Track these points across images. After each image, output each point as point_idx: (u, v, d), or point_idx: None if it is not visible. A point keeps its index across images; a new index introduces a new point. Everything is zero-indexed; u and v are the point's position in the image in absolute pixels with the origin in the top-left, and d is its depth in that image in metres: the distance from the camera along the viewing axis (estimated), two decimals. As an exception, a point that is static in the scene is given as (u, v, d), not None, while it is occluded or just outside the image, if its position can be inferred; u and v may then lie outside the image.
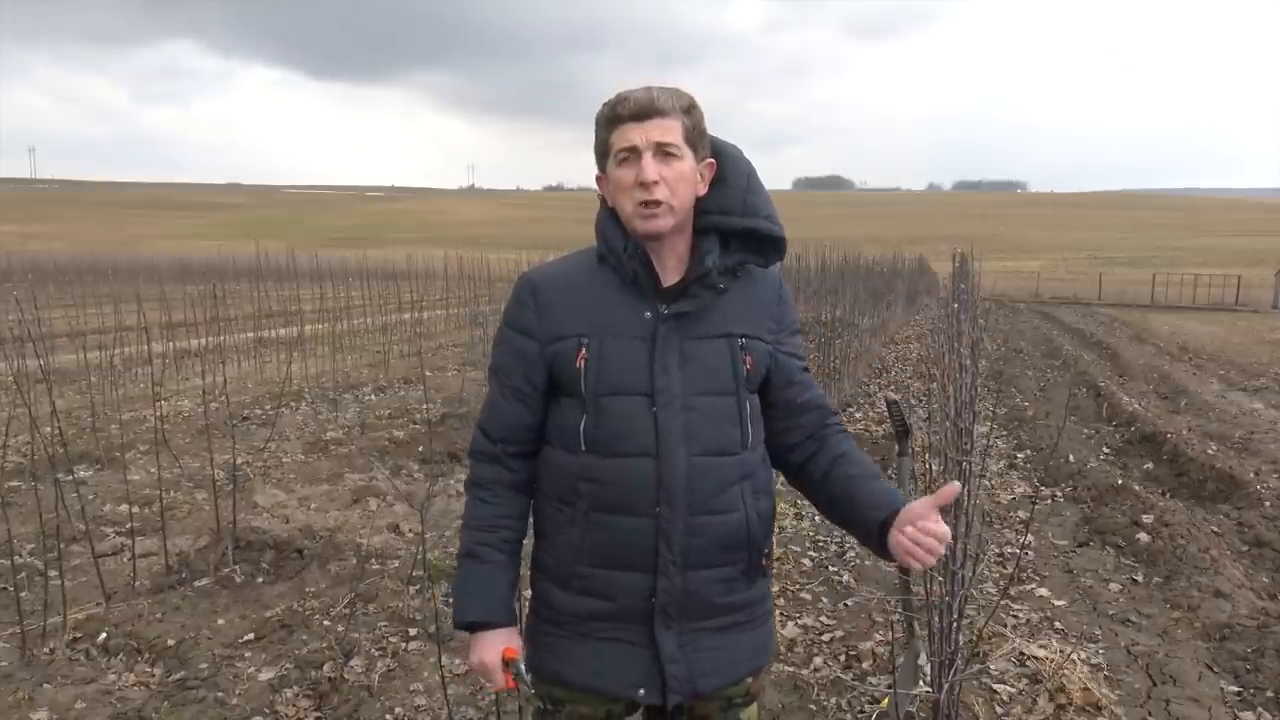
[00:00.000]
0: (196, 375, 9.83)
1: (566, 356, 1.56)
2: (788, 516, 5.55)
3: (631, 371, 1.54)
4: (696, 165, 1.56)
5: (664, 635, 1.58)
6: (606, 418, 1.54)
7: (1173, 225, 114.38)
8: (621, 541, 1.55)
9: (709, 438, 1.55)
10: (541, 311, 1.60)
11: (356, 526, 5.14)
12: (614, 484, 1.54)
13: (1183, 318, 25.13)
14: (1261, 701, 3.38)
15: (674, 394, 1.53)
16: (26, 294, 7.71)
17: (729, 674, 1.64)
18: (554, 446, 1.62)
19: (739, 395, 1.59)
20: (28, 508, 4.81)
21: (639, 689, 1.59)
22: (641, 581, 1.56)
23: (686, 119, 1.53)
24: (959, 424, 3.02)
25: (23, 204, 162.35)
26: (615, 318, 1.57)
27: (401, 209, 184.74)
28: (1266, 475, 6.68)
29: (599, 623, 1.60)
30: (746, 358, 1.59)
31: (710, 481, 1.55)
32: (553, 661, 1.66)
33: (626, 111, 1.50)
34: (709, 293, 1.57)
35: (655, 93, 1.51)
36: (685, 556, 1.55)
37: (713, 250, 1.58)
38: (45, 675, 3.35)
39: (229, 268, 26.95)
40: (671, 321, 1.56)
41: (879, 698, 3.29)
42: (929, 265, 30.87)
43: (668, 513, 1.53)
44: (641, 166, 1.50)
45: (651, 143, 1.50)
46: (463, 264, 22.51)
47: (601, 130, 1.55)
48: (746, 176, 1.62)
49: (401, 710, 3.20)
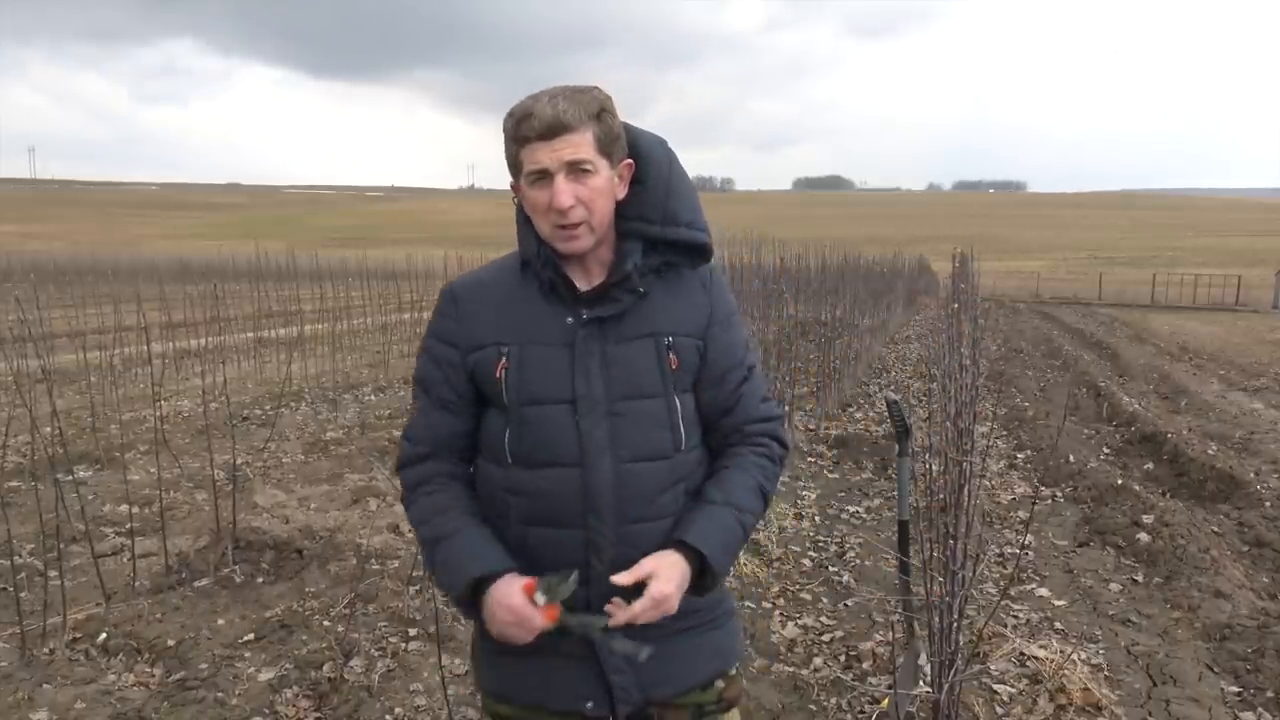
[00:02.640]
0: (196, 375, 9.83)
1: (487, 365, 1.52)
2: (787, 517, 5.56)
3: (552, 379, 1.49)
4: (613, 172, 1.48)
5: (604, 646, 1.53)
6: (529, 428, 1.49)
7: (1173, 225, 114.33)
8: (552, 554, 1.49)
9: (637, 443, 1.50)
10: (461, 319, 1.55)
11: (356, 526, 5.13)
12: (541, 495, 1.50)
13: (1183, 318, 25.13)
14: (1261, 701, 3.38)
15: (596, 400, 1.48)
16: (26, 294, 7.71)
17: (686, 679, 1.60)
18: (485, 460, 1.58)
19: (668, 396, 1.53)
20: (28, 508, 4.81)
21: (586, 701, 1.55)
22: (576, 593, 1.50)
23: (597, 127, 1.44)
24: (959, 424, 3.02)
25: (22, 204, 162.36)
26: (535, 325, 1.52)
27: (401, 209, 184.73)
28: (1266, 475, 6.69)
29: (539, 637, 1.53)
30: (672, 356, 1.53)
31: (640, 488, 1.50)
32: (498, 679, 1.62)
33: (532, 131, 1.41)
34: (630, 296, 1.51)
35: (561, 106, 1.41)
36: (616, 566, 1.47)
37: (633, 254, 1.52)
38: (45, 675, 3.34)
39: (229, 268, 26.94)
40: (592, 326, 1.50)
41: (879, 698, 3.29)
42: (929, 265, 30.86)
43: (596, 523, 1.48)
44: (554, 191, 1.42)
45: (562, 163, 1.42)
46: (463, 264, 22.48)
47: (509, 145, 1.47)
48: (666, 179, 1.54)
49: (401, 710, 3.20)
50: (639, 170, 1.53)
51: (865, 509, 5.92)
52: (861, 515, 5.79)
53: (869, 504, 6.04)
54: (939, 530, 2.76)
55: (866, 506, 5.98)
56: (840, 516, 5.74)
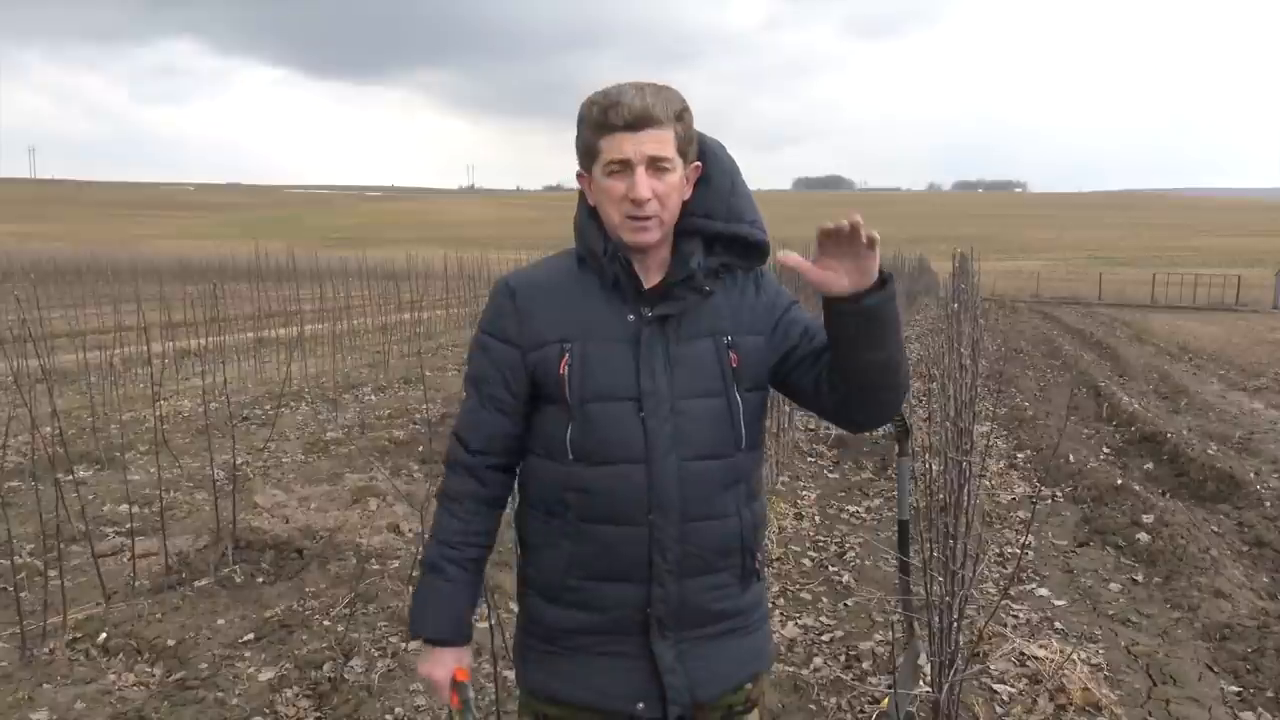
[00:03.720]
0: (196, 375, 9.83)
1: (549, 363, 1.51)
2: (788, 517, 5.56)
3: (617, 376, 1.50)
4: (684, 172, 1.50)
5: (661, 646, 1.54)
6: (593, 425, 1.50)
7: (1173, 225, 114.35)
8: (613, 552, 1.51)
9: (700, 441, 1.51)
10: (522, 317, 1.54)
11: (356, 526, 5.13)
12: (603, 493, 1.50)
13: (1183, 318, 25.12)
14: (1261, 701, 3.38)
15: (661, 398, 1.49)
16: (27, 294, 7.71)
17: (727, 681, 1.60)
18: (539, 456, 1.57)
19: (729, 395, 1.54)
20: (28, 508, 4.81)
21: (638, 703, 1.55)
22: (634, 592, 1.52)
23: (679, 126, 1.46)
24: (959, 424, 3.01)
25: (23, 204, 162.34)
26: (598, 322, 1.52)
27: (401, 209, 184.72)
28: (1266, 475, 6.69)
29: (591, 636, 1.56)
30: (732, 355, 1.53)
31: (703, 486, 1.51)
32: (545, 678, 1.62)
33: (620, 120, 1.42)
34: (693, 295, 1.53)
35: (650, 99, 1.43)
36: (680, 564, 1.51)
37: (696, 252, 1.53)
38: (45, 675, 3.34)
39: (229, 268, 26.94)
40: (655, 324, 1.51)
41: (879, 698, 3.29)
42: (929, 265, 30.86)
43: (660, 520, 1.49)
44: (635, 182, 1.44)
45: (645, 156, 1.43)
46: (463, 264, 22.49)
47: (589, 132, 1.47)
48: (731, 178, 1.57)
49: (401, 710, 3.20)
50: (705, 170, 1.56)
51: (865, 509, 5.92)
52: (861, 515, 5.79)
53: (869, 504, 6.04)
54: (939, 530, 2.76)
55: (866, 506, 5.98)
56: (840, 516, 5.75)
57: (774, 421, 5.91)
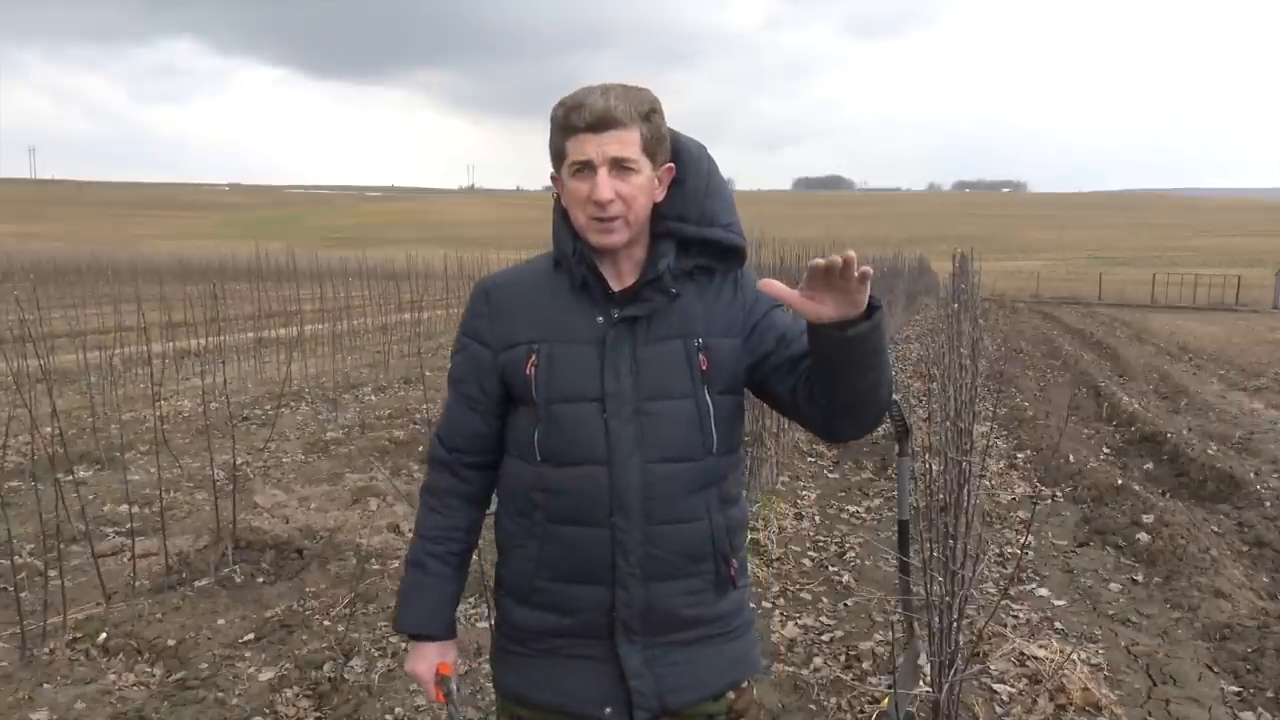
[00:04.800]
0: (196, 375, 9.83)
1: (518, 364, 1.52)
2: (788, 517, 5.55)
3: (583, 378, 1.49)
4: (654, 173, 1.48)
5: (627, 650, 1.52)
6: (559, 426, 1.50)
7: (1173, 225, 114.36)
8: (578, 553, 1.51)
9: (667, 444, 1.49)
10: (494, 317, 1.56)
11: (356, 526, 5.13)
12: (568, 494, 1.50)
13: (1183, 318, 25.13)
14: (1261, 701, 3.38)
15: (625, 399, 1.48)
16: (27, 294, 7.70)
17: (701, 688, 1.58)
18: (513, 457, 1.58)
19: (698, 398, 1.51)
20: (28, 508, 4.81)
21: (605, 707, 1.54)
22: (601, 594, 1.51)
23: (645, 126, 1.44)
24: (959, 424, 3.01)
25: (23, 204, 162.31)
26: (566, 323, 1.52)
27: (401, 209, 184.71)
28: (1266, 475, 6.69)
29: (560, 639, 1.56)
30: (702, 357, 1.51)
31: (669, 489, 1.50)
32: (516, 680, 1.62)
33: (582, 121, 1.42)
34: (661, 297, 1.51)
35: (613, 100, 1.41)
36: (644, 568, 1.49)
37: (667, 255, 1.52)
38: (45, 675, 3.35)
39: (229, 268, 26.92)
40: (623, 326, 1.50)
41: (879, 698, 3.29)
42: (929, 265, 30.86)
43: (623, 522, 1.48)
44: (596, 183, 1.43)
45: (607, 158, 1.42)
46: (463, 264, 22.48)
47: (555, 134, 1.47)
48: (706, 180, 1.55)
49: (401, 710, 3.20)
50: (679, 172, 1.54)
51: (865, 509, 5.92)
52: (861, 515, 5.79)
53: (869, 504, 6.04)
54: (939, 530, 2.76)
55: (866, 506, 5.98)
56: (840, 516, 5.75)
57: (774, 421, 5.90)
